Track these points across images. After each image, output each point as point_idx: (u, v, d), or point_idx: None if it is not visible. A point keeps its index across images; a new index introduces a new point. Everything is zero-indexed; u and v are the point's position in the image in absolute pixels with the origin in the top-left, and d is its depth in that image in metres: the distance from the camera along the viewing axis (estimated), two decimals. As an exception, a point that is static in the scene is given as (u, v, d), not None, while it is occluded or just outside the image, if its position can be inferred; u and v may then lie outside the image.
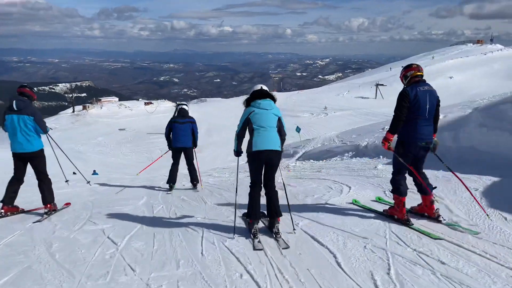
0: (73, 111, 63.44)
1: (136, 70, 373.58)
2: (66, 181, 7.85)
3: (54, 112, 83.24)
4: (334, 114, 58.43)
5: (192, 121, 8.34)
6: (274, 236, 4.47)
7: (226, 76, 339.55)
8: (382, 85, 69.68)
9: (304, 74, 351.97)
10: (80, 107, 66.55)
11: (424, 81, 4.63)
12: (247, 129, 4.64)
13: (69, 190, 8.55)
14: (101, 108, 64.78)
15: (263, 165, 4.57)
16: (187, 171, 8.46)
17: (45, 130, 5.88)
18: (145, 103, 69.15)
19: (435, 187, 4.95)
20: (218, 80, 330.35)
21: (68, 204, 6.69)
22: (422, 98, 4.46)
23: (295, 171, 10.58)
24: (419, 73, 4.62)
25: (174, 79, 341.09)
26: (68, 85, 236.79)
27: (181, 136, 8.13)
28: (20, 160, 5.79)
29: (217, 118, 63.07)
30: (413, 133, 4.52)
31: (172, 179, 8.29)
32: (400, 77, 4.78)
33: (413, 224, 4.53)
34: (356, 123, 54.08)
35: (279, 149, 4.57)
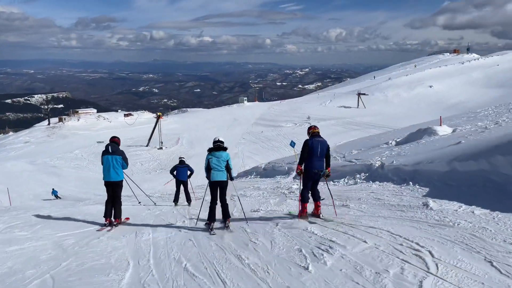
0: (49, 124, 61.27)
1: (115, 81, 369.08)
2: (139, 202, 11.68)
3: (30, 124, 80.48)
4: (317, 124, 57.88)
5: (188, 166, 12.88)
6: (226, 228, 7.27)
7: (206, 86, 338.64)
8: (364, 94, 69.91)
9: (284, 83, 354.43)
10: (56, 119, 64.38)
11: (319, 135, 7.32)
12: (208, 167, 7.43)
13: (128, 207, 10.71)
14: (78, 120, 62.80)
15: (217, 189, 7.38)
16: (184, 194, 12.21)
17: (127, 165, 8.50)
18: (124, 114, 67.49)
19: (323, 199, 7.58)
20: (199, 90, 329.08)
21: (127, 218, 8.87)
22: (315, 145, 7.09)
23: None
24: (316, 131, 7.41)
25: (154, 89, 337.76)
26: (44, 96, 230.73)
27: (180, 173, 12.46)
28: (109, 186, 8.21)
29: (198, 129, 62.08)
30: (310, 164, 7.13)
31: (176, 198, 12.24)
32: (307, 132, 7.54)
33: (308, 218, 7.29)
34: (339, 132, 53.89)
35: (225, 179, 7.41)
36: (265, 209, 8.75)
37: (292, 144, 15.09)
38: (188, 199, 11.96)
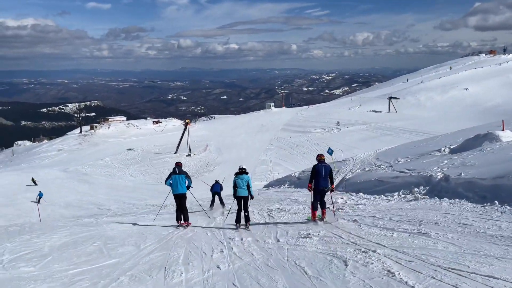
0: (81, 132, 62.61)
1: (144, 89, 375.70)
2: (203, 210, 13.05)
3: (64, 132, 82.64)
4: (347, 129, 56.73)
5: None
6: (246, 228, 9.12)
7: (232, 92, 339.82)
8: (395, 98, 67.89)
9: (311, 88, 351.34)
10: (88, 127, 65.73)
11: (324, 161, 8.93)
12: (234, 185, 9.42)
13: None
14: (108, 128, 63.89)
15: (241, 202, 9.30)
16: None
17: (191, 182, 10.68)
18: (153, 122, 68.07)
19: (328, 207, 9.10)
20: (225, 96, 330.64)
21: (190, 223, 10.63)
22: (321, 169, 8.73)
23: (370, 228, 7.33)
24: (322, 158, 8.99)
25: (182, 96, 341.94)
26: (77, 105, 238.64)
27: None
28: (177, 197, 10.26)
29: (226, 136, 61.89)
30: (317, 183, 8.78)
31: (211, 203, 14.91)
32: (316, 159, 9.19)
33: (317, 221, 8.78)
34: (370, 137, 52.41)
35: (247, 195, 9.30)
36: (317, 233, 7.29)
37: (330, 151, 14.30)
38: (222, 203, 14.45)
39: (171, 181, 10.16)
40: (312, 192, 8.88)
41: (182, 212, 10.36)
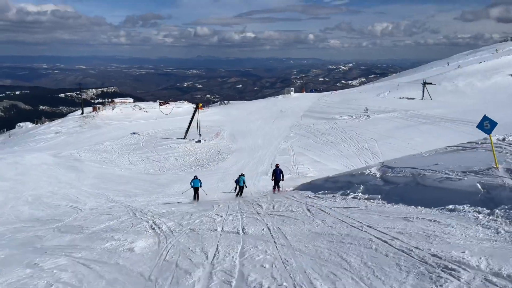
0: (82, 113, 57.53)
1: (160, 76, 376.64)
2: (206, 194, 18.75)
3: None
4: (378, 117, 50.20)
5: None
6: (240, 196, 18.53)
7: (248, 81, 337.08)
8: (431, 83, 60.84)
9: (327, 79, 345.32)
10: (90, 108, 60.63)
11: (278, 166, 19.05)
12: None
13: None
14: (113, 109, 58.61)
15: (239, 188, 19.10)
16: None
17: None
18: (160, 103, 62.57)
19: (280, 187, 18.49)
20: (241, 85, 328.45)
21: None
22: (278, 171, 18.62)
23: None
24: (277, 165, 19.40)
25: (197, 84, 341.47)
26: (94, 90, 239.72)
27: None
28: (195, 191, 18.62)
29: (241, 122, 56.14)
30: (276, 178, 18.65)
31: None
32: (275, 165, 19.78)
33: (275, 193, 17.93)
34: (406, 126, 45.82)
35: (243, 185, 19.03)
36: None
37: (489, 126, 8.52)
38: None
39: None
40: (273, 181, 18.44)
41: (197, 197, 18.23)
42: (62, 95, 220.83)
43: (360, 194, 11.69)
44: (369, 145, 37.37)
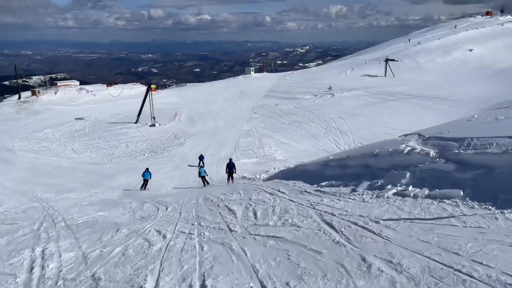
0: (19, 98, 51.52)
1: (113, 61, 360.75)
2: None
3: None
4: (342, 95, 48.31)
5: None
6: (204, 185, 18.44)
7: (206, 65, 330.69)
8: (393, 60, 59.69)
9: (285, 62, 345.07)
10: (29, 92, 54.50)
11: (231, 160, 19.52)
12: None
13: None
14: (55, 93, 52.89)
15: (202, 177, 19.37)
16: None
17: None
18: (107, 84, 57.25)
19: (234, 178, 18.48)
20: (198, 69, 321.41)
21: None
22: (232, 164, 18.96)
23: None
24: (231, 159, 19.86)
25: (153, 69, 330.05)
26: (42, 77, 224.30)
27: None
28: (145, 182, 19.26)
29: (200, 103, 52.45)
30: (229, 170, 18.87)
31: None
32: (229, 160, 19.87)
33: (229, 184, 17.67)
34: (372, 103, 44.05)
35: (203, 174, 19.29)
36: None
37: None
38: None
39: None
40: (227, 174, 18.60)
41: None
42: (7, 82, 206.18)
43: (410, 188, 7.09)
44: (337, 123, 35.24)
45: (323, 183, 9.52)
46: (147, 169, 19.53)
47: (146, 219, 9.00)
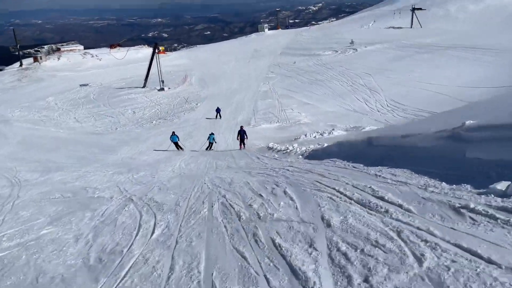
0: (21, 65, 48.84)
1: (123, 27, 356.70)
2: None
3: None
4: (366, 49, 44.26)
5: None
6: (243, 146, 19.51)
7: (216, 27, 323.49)
8: (420, 9, 54.66)
9: (297, 20, 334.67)
10: (31, 59, 51.71)
11: (242, 128, 20.07)
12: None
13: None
14: (58, 59, 50.01)
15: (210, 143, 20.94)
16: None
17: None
18: (110, 46, 53.91)
19: (245, 144, 19.55)
20: (209, 32, 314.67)
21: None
22: (242, 131, 19.68)
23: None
24: (242, 127, 20.35)
25: (163, 34, 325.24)
26: (54, 46, 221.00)
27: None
28: (176, 145, 20.86)
29: (211, 65, 49.01)
30: (240, 136, 19.76)
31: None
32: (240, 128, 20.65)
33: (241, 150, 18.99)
34: (401, 57, 39.73)
35: (212, 141, 20.77)
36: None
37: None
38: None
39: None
40: (238, 140, 19.36)
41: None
42: (20, 52, 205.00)
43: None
44: (364, 80, 31.69)
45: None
46: (173, 132, 20.49)
47: (105, 264, 4.26)
